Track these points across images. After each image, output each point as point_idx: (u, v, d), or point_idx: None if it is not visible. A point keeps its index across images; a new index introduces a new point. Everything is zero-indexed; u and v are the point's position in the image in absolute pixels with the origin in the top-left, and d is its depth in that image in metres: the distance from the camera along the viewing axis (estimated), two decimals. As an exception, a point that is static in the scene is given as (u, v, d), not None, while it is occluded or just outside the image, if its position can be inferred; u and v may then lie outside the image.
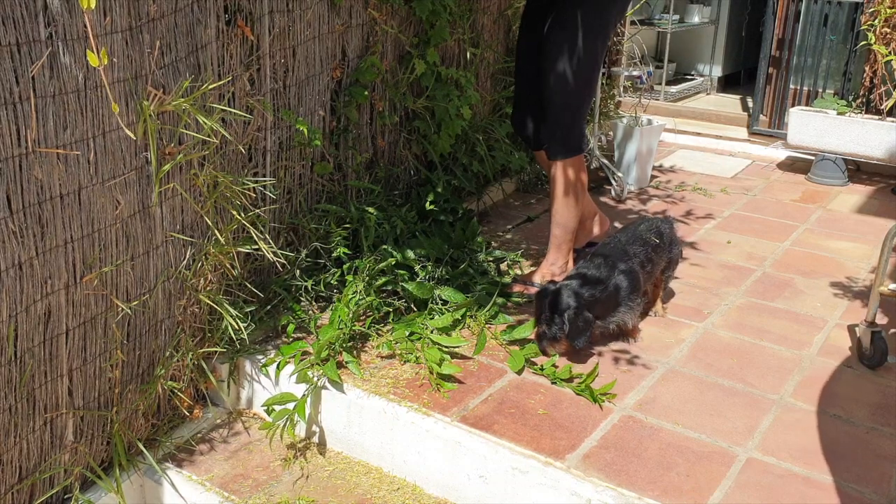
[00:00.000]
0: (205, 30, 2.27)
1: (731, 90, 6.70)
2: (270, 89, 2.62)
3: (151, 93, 2.08)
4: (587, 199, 3.19)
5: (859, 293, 3.09)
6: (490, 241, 3.45)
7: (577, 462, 2.08)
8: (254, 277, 2.65)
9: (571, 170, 2.92)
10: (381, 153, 3.29)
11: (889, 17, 4.24)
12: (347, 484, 2.26)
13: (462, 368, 2.47)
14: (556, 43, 2.83)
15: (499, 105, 4.03)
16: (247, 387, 2.53)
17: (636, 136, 4.23)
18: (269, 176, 2.67)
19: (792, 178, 4.68)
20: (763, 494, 1.98)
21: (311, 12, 2.73)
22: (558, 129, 2.90)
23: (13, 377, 1.88)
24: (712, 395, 2.40)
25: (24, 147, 1.79)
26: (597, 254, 2.64)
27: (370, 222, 2.92)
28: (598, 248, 2.74)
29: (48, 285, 1.92)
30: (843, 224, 3.90)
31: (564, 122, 2.90)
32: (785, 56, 5.10)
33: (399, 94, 3.25)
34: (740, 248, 3.52)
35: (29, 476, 1.98)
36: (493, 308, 2.77)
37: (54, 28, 1.80)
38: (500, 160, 3.82)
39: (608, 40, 2.90)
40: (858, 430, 2.24)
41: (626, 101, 5.09)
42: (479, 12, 3.72)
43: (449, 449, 2.17)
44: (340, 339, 2.47)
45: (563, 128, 2.90)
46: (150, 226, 2.19)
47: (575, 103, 2.89)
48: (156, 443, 2.32)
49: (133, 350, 2.22)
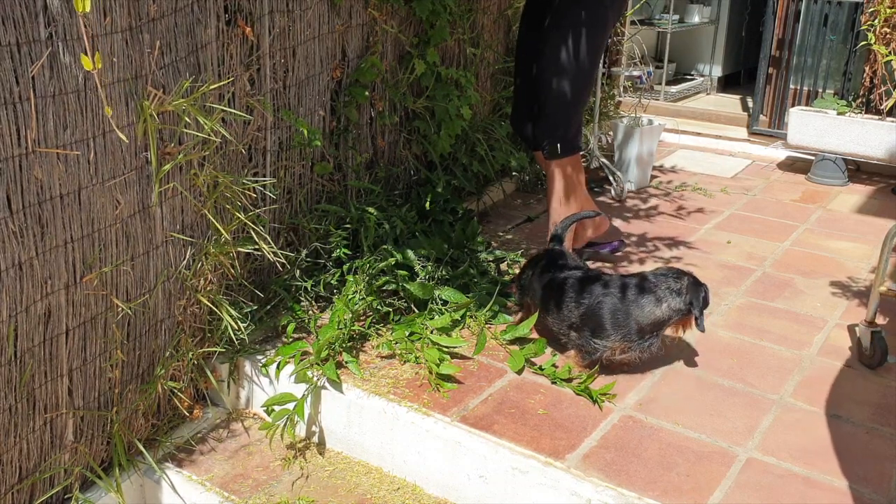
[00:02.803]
0: (205, 30, 2.27)
1: (731, 90, 6.70)
2: (270, 89, 2.62)
3: (151, 93, 2.08)
4: (587, 198, 3.19)
5: (859, 293, 3.09)
6: (490, 241, 3.45)
7: (577, 462, 2.08)
8: (254, 277, 2.65)
9: (569, 169, 2.92)
10: (381, 153, 3.29)
11: (889, 17, 4.24)
12: (347, 484, 2.26)
13: (461, 368, 2.47)
14: (554, 42, 2.84)
15: (499, 105, 4.03)
16: (246, 387, 2.53)
17: (636, 137, 4.23)
18: (269, 176, 2.67)
19: (792, 178, 4.68)
20: (763, 494, 1.98)
21: (311, 12, 2.73)
22: (555, 128, 2.90)
23: (13, 377, 1.88)
24: (712, 395, 2.40)
25: (24, 147, 1.79)
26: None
27: (370, 222, 2.92)
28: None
29: (48, 285, 1.92)
30: (843, 224, 3.90)
31: (561, 121, 2.90)
32: (785, 56, 5.11)
33: (399, 94, 3.25)
34: (740, 248, 3.52)
35: (29, 476, 1.98)
36: (493, 308, 2.77)
37: (54, 28, 1.80)
38: (500, 160, 3.82)
39: (607, 39, 2.90)
40: (858, 430, 2.24)
41: (626, 102, 5.09)
42: (479, 12, 3.72)
43: (449, 449, 2.17)
44: (340, 339, 2.47)
45: (560, 126, 2.90)
46: (150, 226, 2.19)
47: (572, 102, 2.89)
48: (156, 443, 2.32)
49: (133, 350, 2.22)
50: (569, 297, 2.48)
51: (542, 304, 2.58)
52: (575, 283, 2.49)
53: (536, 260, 2.73)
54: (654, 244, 3.53)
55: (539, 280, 2.61)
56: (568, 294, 2.48)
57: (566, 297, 2.48)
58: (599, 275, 2.53)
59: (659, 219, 3.88)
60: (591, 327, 2.41)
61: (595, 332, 2.41)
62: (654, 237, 3.62)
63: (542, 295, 2.58)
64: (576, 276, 2.52)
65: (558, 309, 2.49)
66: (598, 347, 2.41)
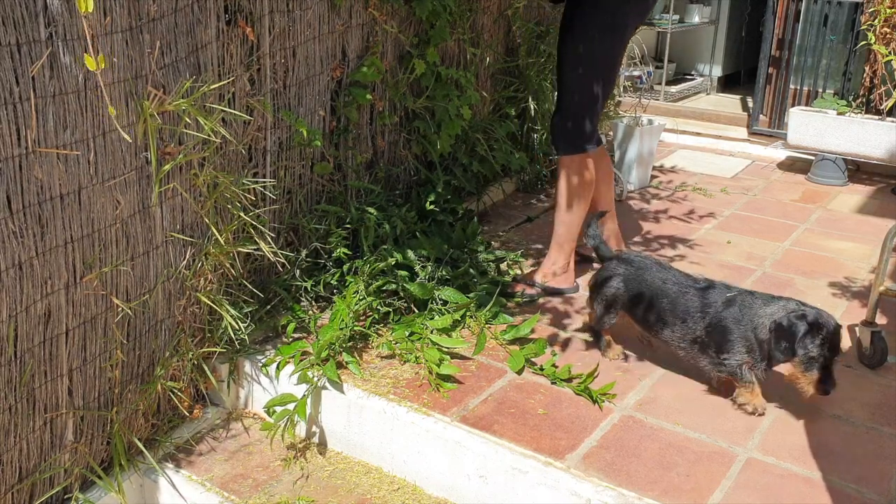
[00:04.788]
0: (205, 30, 2.27)
1: (731, 90, 6.70)
2: (270, 89, 2.62)
3: (152, 93, 2.08)
4: (611, 215, 3.21)
5: (859, 293, 3.09)
6: (490, 241, 3.45)
7: (576, 462, 2.08)
8: (254, 277, 2.65)
9: (577, 168, 2.93)
10: (381, 153, 3.29)
11: (889, 17, 4.24)
12: (347, 484, 2.26)
13: (461, 368, 2.47)
14: (569, 43, 2.89)
15: (499, 105, 4.03)
16: (246, 387, 2.53)
17: (636, 137, 4.23)
18: (269, 176, 2.67)
19: (792, 178, 4.68)
20: (763, 494, 1.98)
21: (311, 12, 2.73)
22: (565, 127, 2.93)
23: (13, 377, 1.88)
24: (712, 395, 2.40)
25: (24, 147, 1.79)
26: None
27: (370, 222, 2.92)
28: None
29: (48, 285, 1.92)
30: (843, 224, 3.90)
31: (565, 120, 2.93)
32: (785, 56, 5.11)
33: (399, 94, 3.25)
34: (740, 248, 3.52)
35: (29, 476, 1.98)
36: (493, 308, 2.77)
37: (54, 28, 1.80)
38: (500, 160, 3.82)
39: (624, 41, 2.92)
40: (858, 430, 2.24)
41: (626, 101, 5.09)
42: (479, 12, 3.72)
43: (449, 449, 2.17)
44: (340, 339, 2.47)
45: (570, 125, 2.93)
46: (150, 226, 2.19)
47: (577, 103, 2.90)
48: (155, 443, 2.32)
49: (133, 350, 2.22)
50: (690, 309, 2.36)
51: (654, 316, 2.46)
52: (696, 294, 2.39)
53: (616, 270, 2.57)
54: (655, 244, 3.53)
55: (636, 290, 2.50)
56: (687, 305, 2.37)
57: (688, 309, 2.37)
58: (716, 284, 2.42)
59: (659, 218, 3.88)
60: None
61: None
62: (655, 237, 3.62)
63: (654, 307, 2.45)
64: (696, 287, 2.42)
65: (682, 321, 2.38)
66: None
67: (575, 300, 3.00)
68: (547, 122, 4.17)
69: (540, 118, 4.16)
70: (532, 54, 4.09)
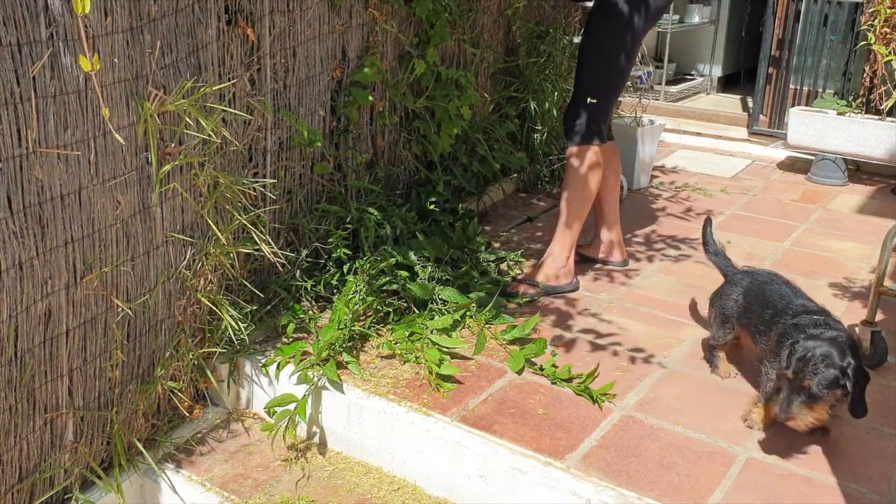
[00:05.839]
0: (205, 30, 2.27)
1: (731, 90, 6.70)
2: (271, 89, 2.62)
3: (152, 93, 2.08)
4: (615, 221, 3.26)
5: (859, 293, 3.09)
6: (490, 241, 3.45)
7: (576, 462, 2.08)
8: (254, 277, 2.65)
9: (584, 158, 2.99)
10: (381, 153, 3.29)
11: (889, 17, 4.24)
12: (347, 484, 2.26)
13: (461, 369, 2.47)
14: (587, 36, 3.00)
15: (499, 105, 4.03)
16: (247, 387, 2.54)
17: (637, 137, 4.23)
18: (269, 176, 2.67)
19: (792, 178, 4.68)
20: (763, 494, 1.98)
21: (311, 12, 2.73)
22: (576, 116, 3.02)
23: (13, 377, 1.88)
24: (712, 395, 2.40)
25: (24, 147, 1.79)
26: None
27: (370, 222, 2.92)
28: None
29: (48, 285, 1.92)
30: (843, 224, 3.90)
31: (574, 111, 3.00)
32: (785, 56, 5.10)
33: (399, 94, 3.25)
34: (740, 248, 3.52)
35: (29, 476, 1.98)
36: (493, 308, 2.77)
37: (55, 29, 1.80)
38: (500, 160, 3.82)
39: (638, 39, 2.98)
40: (858, 430, 2.24)
41: (627, 101, 5.09)
42: (479, 12, 3.72)
43: (449, 449, 2.17)
44: (340, 339, 2.47)
45: (582, 115, 2.99)
46: (150, 226, 2.19)
47: (597, 94, 2.98)
48: (155, 443, 2.32)
49: (133, 350, 2.22)
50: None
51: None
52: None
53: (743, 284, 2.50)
54: (656, 243, 3.53)
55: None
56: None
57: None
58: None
59: (660, 218, 3.88)
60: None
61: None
62: (656, 236, 3.62)
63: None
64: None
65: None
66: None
67: (575, 300, 3.00)
68: (547, 122, 4.18)
69: (540, 118, 4.16)
70: (532, 54, 4.10)
